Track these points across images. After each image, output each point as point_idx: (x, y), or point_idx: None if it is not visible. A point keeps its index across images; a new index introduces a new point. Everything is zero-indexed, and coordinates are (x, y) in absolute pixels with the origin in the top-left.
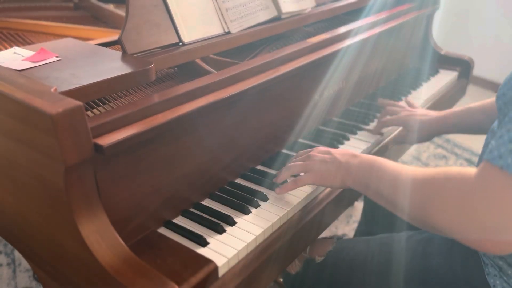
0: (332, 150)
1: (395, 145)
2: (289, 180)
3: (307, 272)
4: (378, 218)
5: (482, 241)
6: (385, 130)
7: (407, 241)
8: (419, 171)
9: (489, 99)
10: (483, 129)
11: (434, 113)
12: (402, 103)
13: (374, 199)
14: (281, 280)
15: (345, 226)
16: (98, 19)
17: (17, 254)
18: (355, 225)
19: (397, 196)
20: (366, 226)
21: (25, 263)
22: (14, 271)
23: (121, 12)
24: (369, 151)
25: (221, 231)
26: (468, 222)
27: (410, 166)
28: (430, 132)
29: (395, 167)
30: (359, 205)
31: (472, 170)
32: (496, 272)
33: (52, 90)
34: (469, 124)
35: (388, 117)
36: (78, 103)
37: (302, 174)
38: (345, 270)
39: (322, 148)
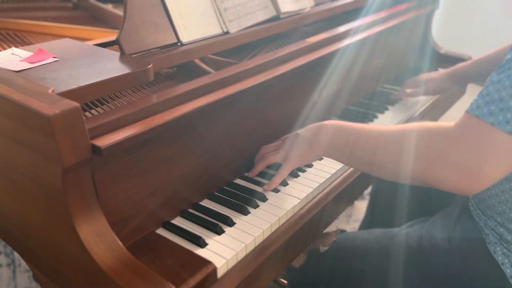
0: (299, 130)
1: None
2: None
3: (310, 263)
4: (380, 217)
5: (459, 182)
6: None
7: (410, 226)
8: (391, 126)
9: (496, 48)
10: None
11: (442, 71)
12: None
13: (347, 162)
14: (282, 280)
15: (345, 225)
16: (97, 19)
17: (17, 254)
18: (355, 224)
19: (375, 153)
20: (369, 225)
21: (25, 264)
22: (14, 272)
23: (120, 12)
24: None
25: (220, 232)
26: (445, 166)
27: (378, 125)
28: (440, 85)
29: (364, 125)
30: (359, 205)
31: (450, 123)
32: (496, 240)
33: (50, 91)
34: (478, 74)
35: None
36: (75, 104)
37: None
38: (345, 258)
39: (290, 134)
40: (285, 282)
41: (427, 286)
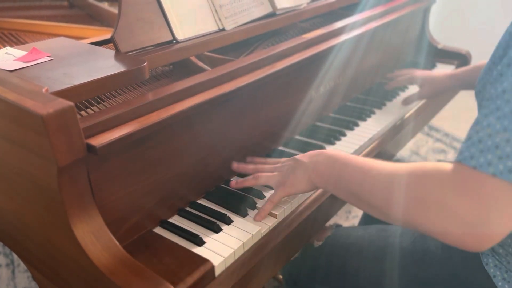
0: (298, 155)
1: (394, 136)
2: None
3: (305, 257)
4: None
5: (463, 237)
6: (379, 128)
7: (404, 227)
8: (390, 166)
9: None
10: None
11: (443, 71)
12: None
13: (342, 196)
14: (280, 276)
15: (344, 221)
16: (93, 17)
17: (16, 255)
18: (354, 221)
19: (365, 192)
20: (366, 222)
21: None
22: (13, 272)
23: (115, 10)
24: (367, 146)
25: (217, 230)
26: (449, 220)
27: (377, 160)
28: (440, 87)
29: (364, 161)
30: None
31: (448, 167)
32: (488, 252)
33: (44, 90)
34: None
35: (399, 78)
36: (69, 103)
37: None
38: (341, 255)
39: (289, 158)
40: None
41: None
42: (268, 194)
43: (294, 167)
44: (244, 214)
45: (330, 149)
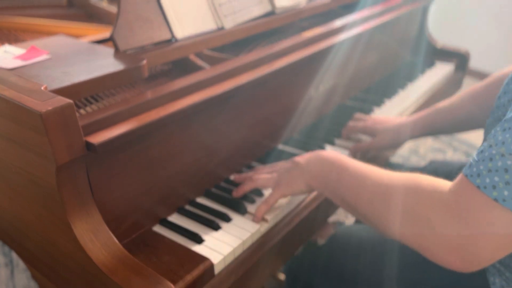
0: (296, 157)
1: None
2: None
3: (306, 253)
4: None
5: (449, 257)
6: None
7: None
8: (385, 176)
9: (457, 95)
10: (456, 127)
11: (400, 118)
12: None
13: (335, 201)
14: (280, 278)
15: (345, 218)
16: (92, 16)
17: (15, 254)
18: (354, 218)
19: (359, 201)
20: None
21: (23, 263)
22: (12, 272)
23: (114, 9)
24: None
25: (216, 228)
26: (437, 238)
27: (375, 168)
28: (398, 137)
29: (359, 167)
30: None
31: (444, 184)
32: (495, 271)
33: (42, 88)
34: (440, 125)
35: (353, 124)
36: (68, 101)
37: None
38: (341, 256)
39: (287, 160)
40: (282, 279)
41: None
42: (266, 191)
43: (290, 168)
44: (243, 212)
45: (328, 151)
